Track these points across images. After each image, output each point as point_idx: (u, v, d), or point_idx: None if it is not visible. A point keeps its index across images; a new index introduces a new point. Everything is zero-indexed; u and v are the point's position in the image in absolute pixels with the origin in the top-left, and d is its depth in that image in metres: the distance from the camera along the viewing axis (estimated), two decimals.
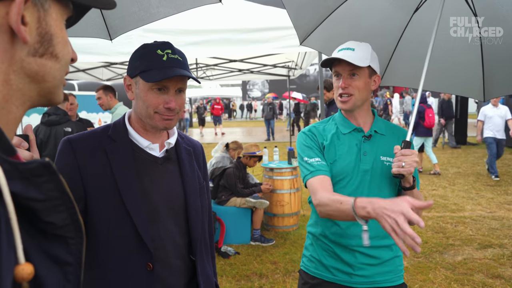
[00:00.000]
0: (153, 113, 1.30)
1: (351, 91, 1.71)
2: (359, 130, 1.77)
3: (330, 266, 1.76)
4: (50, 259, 0.53)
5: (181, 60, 1.31)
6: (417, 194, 1.71)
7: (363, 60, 1.68)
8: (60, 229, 0.53)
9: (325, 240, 1.78)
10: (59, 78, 0.61)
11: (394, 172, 1.59)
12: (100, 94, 4.73)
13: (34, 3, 0.54)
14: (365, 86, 1.73)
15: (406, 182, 1.64)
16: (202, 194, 1.47)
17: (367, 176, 1.72)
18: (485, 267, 4.31)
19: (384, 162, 1.73)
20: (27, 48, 0.55)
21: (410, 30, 2.38)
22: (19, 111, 0.57)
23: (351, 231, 1.72)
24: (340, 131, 1.79)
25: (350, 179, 1.73)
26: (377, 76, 1.78)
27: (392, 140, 1.77)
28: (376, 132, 1.78)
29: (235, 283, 4.07)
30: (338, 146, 1.77)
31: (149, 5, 2.17)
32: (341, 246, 1.74)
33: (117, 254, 1.29)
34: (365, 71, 1.72)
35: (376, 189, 1.72)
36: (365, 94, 1.75)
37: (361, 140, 1.76)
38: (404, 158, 1.57)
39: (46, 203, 0.51)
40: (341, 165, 1.74)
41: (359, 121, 1.80)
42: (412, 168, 1.57)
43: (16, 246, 0.46)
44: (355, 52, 1.69)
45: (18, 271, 0.46)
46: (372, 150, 1.74)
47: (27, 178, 0.48)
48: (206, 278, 1.44)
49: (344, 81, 1.71)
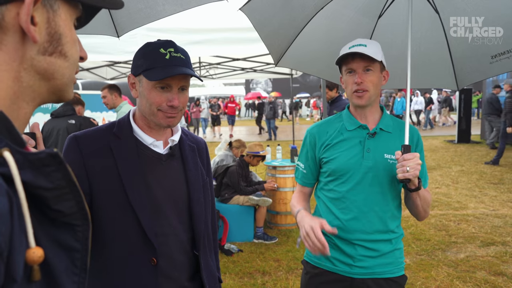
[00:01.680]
0: (157, 111, 1.33)
1: (366, 87, 1.71)
2: (364, 127, 1.78)
3: (331, 257, 1.80)
4: (58, 245, 0.56)
5: (183, 59, 1.34)
6: (424, 194, 1.72)
7: (376, 54, 1.69)
8: (67, 217, 0.56)
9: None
10: (68, 76, 0.63)
11: (399, 178, 1.60)
12: (105, 93, 4.78)
13: (44, 4, 0.57)
14: (378, 81, 1.74)
15: (411, 184, 1.64)
16: (205, 190, 1.50)
17: (369, 173, 1.73)
18: (488, 264, 4.31)
19: (388, 160, 1.74)
20: (37, 47, 0.57)
21: (377, 34, 2.46)
22: (29, 107, 0.60)
23: (350, 225, 1.75)
24: (345, 128, 1.81)
25: (351, 175, 1.75)
26: (386, 72, 1.80)
27: (399, 139, 1.78)
28: (382, 129, 1.79)
29: (238, 280, 4.10)
30: (341, 142, 1.79)
31: (155, 3, 2.20)
32: (342, 239, 1.77)
33: (122, 249, 1.32)
34: (378, 66, 1.73)
35: (377, 187, 1.74)
36: (378, 89, 1.76)
37: (365, 137, 1.77)
38: (407, 163, 1.57)
39: (55, 192, 0.53)
40: (343, 161, 1.76)
41: (368, 118, 1.81)
42: (416, 171, 1.57)
43: (28, 231, 0.49)
44: (367, 47, 1.70)
45: (29, 254, 0.49)
46: (376, 148, 1.75)
47: (37, 168, 0.51)
48: (209, 272, 1.47)
49: (359, 76, 1.71)
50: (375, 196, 1.74)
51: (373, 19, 2.42)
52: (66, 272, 0.56)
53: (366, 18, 2.41)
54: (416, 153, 1.61)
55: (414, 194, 1.69)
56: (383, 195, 1.74)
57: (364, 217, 1.74)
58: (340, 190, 1.77)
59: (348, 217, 1.75)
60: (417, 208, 1.75)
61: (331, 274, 1.81)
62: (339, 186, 1.77)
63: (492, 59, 2.27)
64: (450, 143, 14.22)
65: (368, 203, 1.73)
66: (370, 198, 1.73)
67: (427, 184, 1.84)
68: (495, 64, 2.28)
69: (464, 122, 14.14)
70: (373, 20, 2.42)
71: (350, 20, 2.41)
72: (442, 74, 2.53)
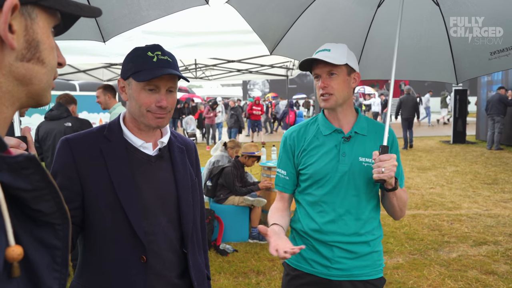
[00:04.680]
0: (146, 112, 1.38)
1: (330, 91, 1.75)
2: (339, 132, 1.81)
3: (309, 259, 1.83)
4: (39, 244, 0.59)
5: (170, 61, 1.39)
6: (401, 194, 1.75)
7: (339, 59, 1.73)
8: (47, 216, 0.59)
9: (305, 235, 1.85)
10: (46, 81, 0.66)
11: (375, 178, 1.63)
12: (99, 93, 4.81)
13: (22, 13, 0.59)
14: (345, 84, 1.77)
15: (388, 184, 1.67)
16: (194, 190, 1.54)
17: (345, 177, 1.76)
18: (479, 263, 4.37)
19: (362, 163, 1.76)
20: (15, 53, 0.59)
21: (376, 25, 2.45)
22: (9, 111, 0.62)
23: (327, 228, 1.78)
24: (321, 132, 1.84)
25: (327, 180, 1.78)
26: (356, 74, 1.82)
27: (374, 140, 1.80)
28: (357, 133, 1.81)
29: (233, 280, 4.14)
30: (318, 147, 1.82)
31: (139, 8, 2.25)
32: (319, 241, 1.80)
33: (113, 247, 1.37)
34: (343, 70, 1.76)
35: (353, 190, 1.77)
36: (346, 92, 1.78)
37: (340, 141, 1.80)
38: (383, 164, 1.60)
39: (34, 193, 0.56)
40: (320, 166, 1.79)
41: (341, 121, 1.83)
42: (392, 172, 1.60)
43: (7, 230, 0.52)
44: (331, 52, 1.74)
45: (9, 252, 0.52)
46: (351, 151, 1.78)
47: (15, 170, 0.54)
48: (197, 270, 1.52)
49: (323, 81, 1.76)
50: (351, 199, 1.77)
51: (373, 8, 2.40)
52: (48, 269, 0.59)
53: (364, 7, 2.39)
54: (392, 155, 1.63)
55: (390, 194, 1.72)
56: (358, 197, 1.77)
57: (340, 219, 1.77)
58: (317, 194, 1.81)
59: (325, 220, 1.78)
60: (394, 208, 1.78)
61: (309, 276, 1.84)
62: (316, 190, 1.81)
63: (491, 56, 2.27)
64: (445, 144, 14.29)
65: (344, 206, 1.76)
66: (346, 201, 1.76)
67: (403, 184, 1.86)
68: (494, 61, 2.29)
69: (459, 122, 14.21)
70: (372, 9, 2.40)
71: (347, 9, 2.40)
72: (442, 68, 2.52)
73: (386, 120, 1.84)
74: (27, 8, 0.60)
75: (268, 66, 7.91)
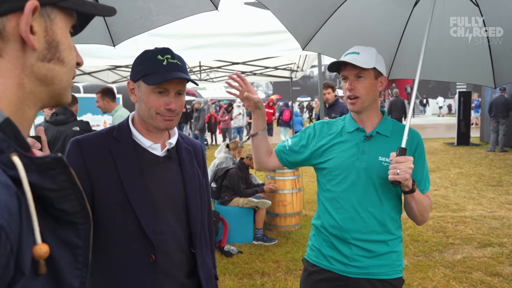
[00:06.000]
0: (155, 114, 1.40)
1: (357, 93, 1.79)
2: (361, 130, 1.85)
3: (328, 256, 1.86)
4: (62, 242, 0.61)
5: (180, 65, 1.41)
6: (421, 199, 1.74)
7: (367, 62, 1.75)
8: (70, 216, 0.61)
9: (325, 232, 1.88)
10: (66, 80, 0.68)
11: (390, 179, 1.64)
12: (98, 98, 4.84)
13: (41, 14, 0.61)
14: (371, 87, 1.80)
15: (404, 186, 1.67)
16: (201, 190, 1.56)
17: (363, 174, 1.78)
18: (484, 265, 4.36)
19: (382, 162, 1.78)
20: (37, 54, 0.61)
21: (412, 24, 2.42)
22: (32, 112, 0.64)
23: (345, 224, 1.80)
24: (345, 130, 1.89)
25: (346, 175, 1.81)
26: (383, 78, 1.85)
27: (398, 143, 1.79)
28: (379, 133, 1.84)
29: (238, 281, 4.15)
30: (340, 143, 1.86)
31: (149, 13, 2.28)
32: (338, 238, 1.83)
33: (122, 246, 1.39)
34: (371, 73, 1.79)
35: (371, 188, 1.78)
36: (372, 95, 1.81)
37: (361, 139, 1.83)
38: (399, 165, 1.61)
39: (59, 193, 0.58)
40: (339, 161, 1.83)
41: (365, 122, 1.87)
42: (407, 174, 1.60)
43: (34, 229, 0.54)
44: (360, 55, 1.77)
45: (36, 250, 0.54)
46: (370, 150, 1.80)
47: (43, 171, 0.56)
48: (205, 269, 1.54)
49: (350, 83, 1.79)
50: (370, 197, 1.78)
51: (409, 7, 2.37)
52: (70, 267, 0.61)
53: (400, 6, 2.37)
54: (409, 157, 1.63)
55: (408, 196, 1.72)
56: (377, 196, 1.79)
57: (358, 217, 1.78)
58: (335, 190, 1.83)
59: (343, 216, 1.81)
60: (413, 211, 1.77)
61: (327, 272, 1.86)
62: (335, 186, 1.84)
63: None
64: (449, 146, 14.26)
65: (362, 203, 1.78)
66: (365, 199, 1.78)
67: (428, 189, 1.85)
68: None
69: (463, 124, 14.18)
70: (408, 8, 2.38)
71: (383, 8, 2.38)
72: (480, 70, 2.46)
73: (407, 122, 1.84)
74: (46, 9, 0.61)
75: (272, 68, 7.93)
